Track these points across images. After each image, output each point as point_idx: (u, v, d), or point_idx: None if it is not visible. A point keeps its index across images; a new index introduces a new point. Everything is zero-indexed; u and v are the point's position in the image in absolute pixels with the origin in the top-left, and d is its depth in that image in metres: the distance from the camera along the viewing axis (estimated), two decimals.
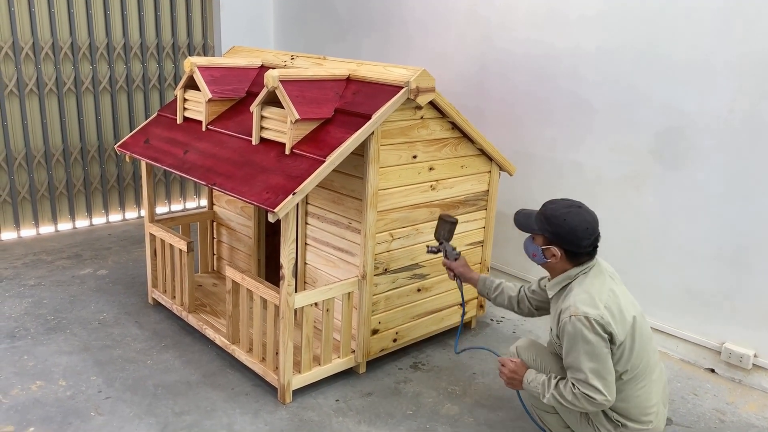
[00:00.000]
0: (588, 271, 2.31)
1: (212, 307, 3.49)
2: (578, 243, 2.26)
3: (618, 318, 2.19)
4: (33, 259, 4.32)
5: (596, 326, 2.14)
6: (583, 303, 2.19)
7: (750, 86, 2.97)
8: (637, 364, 2.25)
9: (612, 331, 2.16)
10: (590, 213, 2.31)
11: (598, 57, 3.47)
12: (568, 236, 2.26)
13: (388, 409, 2.83)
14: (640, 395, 2.28)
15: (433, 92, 2.81)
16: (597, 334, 2.14)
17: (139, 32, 4.96)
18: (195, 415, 2.73)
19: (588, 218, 2.28)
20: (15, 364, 3.05)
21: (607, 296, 2.22)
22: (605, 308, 2.18)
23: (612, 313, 2.18)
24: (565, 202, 2.34)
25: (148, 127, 3.50)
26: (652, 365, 2.32)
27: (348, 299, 2.93)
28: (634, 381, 2.26)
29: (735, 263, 3.13)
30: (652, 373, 2.32)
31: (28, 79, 4.54)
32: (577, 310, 2.18)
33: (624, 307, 2.24)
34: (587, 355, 2.16)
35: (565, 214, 2.27)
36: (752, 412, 2.95)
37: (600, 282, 2.27)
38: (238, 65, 3.33)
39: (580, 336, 2.16)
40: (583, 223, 2.26)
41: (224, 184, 2.76)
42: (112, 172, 5.06)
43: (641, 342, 2.26)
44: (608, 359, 2.17)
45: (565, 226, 2.26)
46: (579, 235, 2.25)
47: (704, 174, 3.17)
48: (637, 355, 2.24)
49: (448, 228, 2.83)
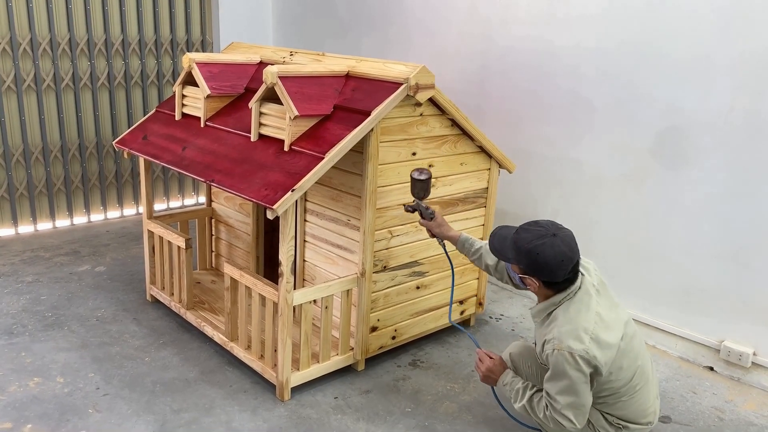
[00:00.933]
0: (573, 296, 2.21)
1: (211, 304, 3.48)
2: (554, 275, 2.15)
3: (604, 345, 2.13)
4: (31, 256, 4.30)
5: (580, 362, 2.10)
6: (568, 335, 2.12)
7: (750, 84, 2.96)
8: (631, 376, 2.25)
9: (597, 364, 2.11)
10: (566, 240, 2.14)
11: (599, 55, 3.46)
12: (543, 269, 2.15)
13: (387, 406, 2.83)
14: (639, 400, 2.30)
15: (433, 89, 2.80)
16: (579, 371, 2.11)
17: (137, 28, 4.94)
18: (193, 412, 2.72)
19: (563, 249, 2.12)
20: (12, 361, 3.04)
21: (594, 325, 2.14)
22: (591, 341, 2.11)
23: (598, 343, 2.12)
24: (538, 231, 2.16)
25: (147, 124, 3.49)
26: (647, 370, 2.32)
27: (347, 296, 2.92)
28: (631, 391, 2.27)
29: (734, 261, 3.13)
30: (648, 376, 2.32)
31: (25, 75, 4.52)
32: (561, 344, 2.12)
33: (612, 323, 2.18)
34: (566, 388, 2.15)
35: (537, 248, 2.12)
36: (751, 410, 2.94)
37: (585, 307, 2.17)
38: (237, 61, 3.32)
39: (562, 370, 2.13)
40: (557, 256, 2.11)
41: (223, 181, 2.75)
42: (110, 169, 5.05)
43: (632, 355, 2.24)
44: (587, 392, 2.16)
45: (538, 261, 2.13)
46: (554, 269, 2.13)
47: (704, 172, 3.16)
48: (630, 369, 2.23)
49: (420, 185, 2.64)
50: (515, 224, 2.39)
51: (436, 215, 2.71)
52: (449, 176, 3.14)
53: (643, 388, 2.29)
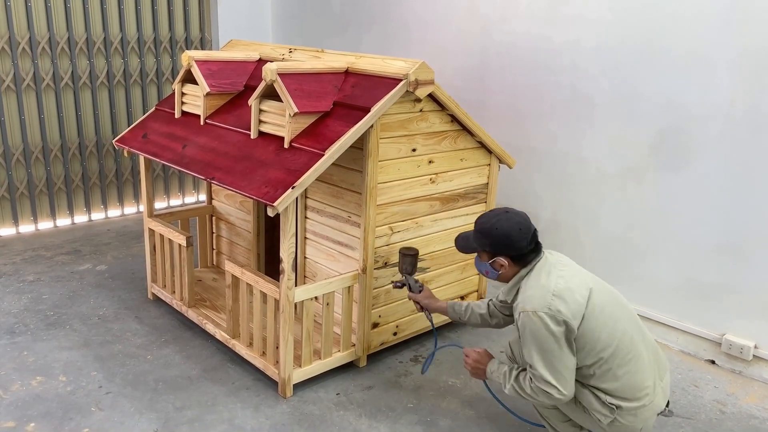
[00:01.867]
0: (534, 267, 2.29)
1: (212, 301, 3.49)
2: (517, 245, 2.26)
3: (569, 300, 2.15)
4: (32, 255, 4.31)
5: (547, 319, 2.12)
6: (532, 298, 2.18)
7: (751, 79, 2.96)
8: (612, 340, 2.17)
9: (564, 319, 2.12)
10: (519, 214, 2.32)
11: (599, 50, 3.45)
12: (506, 242, 2.26)
13: (389, 402, 2.83)
14: (630, 372, 2.19)
15: (433, 85, 2.80)
16: (548, 331, 2.12)
17: (136, 26, 4.94)
18: (196, 409, 2.73)
19: (518, 219, 2.29)
20: (15, 360, 3.05)
21: (555, 283, 2.19)
22: (554, 296, 2.15)
23: (562, 299, 2.15)
24: (492, 212, 2.36)
25: (146, 122, 3.49)
26: (636, 340, 2.23)
27: (348, 293, 2.93)
28: (616, 358, 2.18)
29: (735, 255, 3.13)
30: (637, 348, 2.22)
31: (25, 74, 4.52)
32: (525, 306, 2.18)
33: (576, 287, 2.19)
34: (539, 351, 2.15)
35: (495, 223, 2.29)
36: (753, 403, 2.95)
37: (546, 273, 2.25)
38: (236, 59, 3.32)
39: (530, 332, 2.15)
40: (515, 226, 2.27)
41: (223, 179, 2.75)
42: (110, 167, 5.05)
43: (606, 315, 2.19)
44: (563, 353, 2.13)
45: (499, 234, 2.27)
46: (514, 238, 2.25)
47: (705, 166, 3.16)
48: (605, 329, 2.17)
49: (409, 261, 2.82)
50: None
51: (424, 288, 2.81)
52: (449, 172, 3.14)
53: (636, 360, 2.20)
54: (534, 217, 3.84)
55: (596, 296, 2.21)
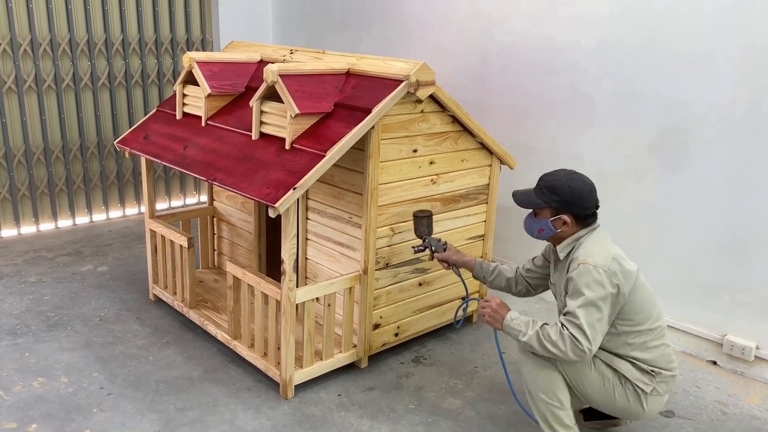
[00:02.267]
0: (594, 231, 2.41)
1: (213, 302, 3.49)
2: (586, 205, 2.37)
3: (626, 267, 2.29)
4: (33, 256, 4.31)
5: (603, 275, 2.22)
6: (593, 254, 2.28)
7: (752, 78, 2.96)
8: (649, 315, 2.34)
9: (619, 282, 2.24)
10: (587, 177, 2.43)
11: (599, 50, 3.45)
12: (576, 200, 2.36)
13: (390, 403, 2.83)
14: (661, 347, 2.37)
15: (434, 86, 2.80)
16: (602, 285, 2.21)
17: (137, 28, 4.94)
18: (197, 410, 2.73)
19: (587, 181, 2.41)
20: (17, 361, 3.05)
21: (614, 249, 2.34)
22: (614, 260, 2.27)
23: (621, 265, 2.28)
24: (562, 171, 2.45)
25: (148, 123, 3.49)
26: (663, 326, 2.40)
27: (349, 294, 2.93)
28: (654, 331, 2.35)
29: (737, 255, 3.12)
30: (665, 335, 2.40)
31: (26, 75, 4.53)
32: (586, 259, 2.27)
33: (628, 263, 2.34)
34: (587, 301, 2.21)
35: (568, 181, 2.38)
36: (754, 404, 2.95)
37: (605, 239, 2.39)
38: (237, 60, 3.32)
39: (585, 283, 2.22)
40: (586, 186, 2.39)
41: (224, 180, 2.75)
42: (111, 169, 5.06)
43: (647, 295, 2.35)
44: (605, 313, 2.23)
45: (572, 192, 2.36)
46: (585, 197, 2.37)
47: (706, 166, 3.16)
48: (648, 302, 2.34)
49: (425, 222, 2.83)
50: (516, 221, 2.46)
51: (448, 245, 2.84)
52: (450, 173, 3.14)
53: (666, 336, 2.40)
54: None
55: (641, 278, 2.37)
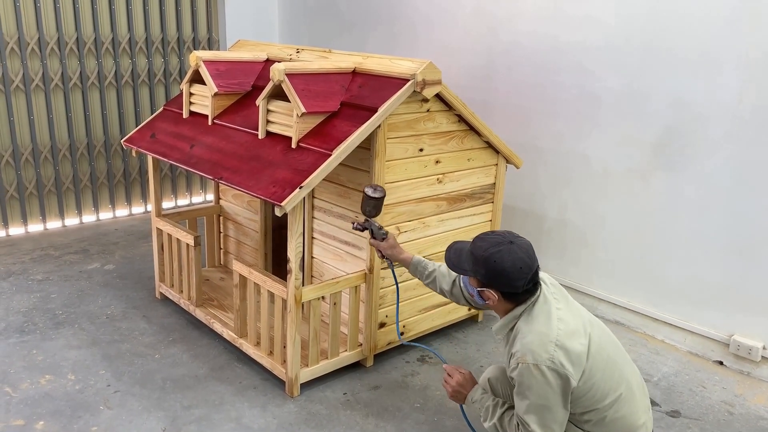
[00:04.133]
0: (533, 307, 2.08)
1: (219, 301, 3.50)
2: (513, 284, 2.03)
3: (572, 351, 1.98)
4: (41, 254, 4.33)
5: (547, 373, 1.95)
6: (532, 347, 1.99)
7: (758, 77, 2.95)
8: (612, 385, 2.05)
9: (566, 372, 1.96)
10: (523, 248, 2.05)
11: (605, 50, 3.44)
12: (501, 278, 2.03)
13: (396, 402, 2.83)
14: (625, 416, 2.08)
15: (440, 85, 2.80)
16: (547, 384, 1.96)
17: (144, 27, 4.96)
18: (203, 408, 2.74)
19: (521, 255, 2.03)
20: (24, 359, 3.07)
21: (556, 330, 2.00)
22: (556, 347, 1.97)
23: (565, 349, 1.98)
24: (494, 238, 2.08)
25: (154, 122, 3.50)
26: (629, 379, 2.12)
27: (355, 293, 2.93)
28: (613, 406, 2.06)
29: (743, 255, 3.11)
30: (631, 387, 2.12)
31: (33, 74, 4.55)
32: (525, 356, 1.98)
33: (576, 332, 2.03)
34: (535, 406, 1.99)
35: (494, 255, 2.03)
36: (761, 404, 2.94)
37: (546, 316, 2.05)
38: (244, 59, 3.32)
39: (528, 386, 1.99)
40: (516, 263, 2.01)
41: (231, 179, 2.76)
42: (118, 167, 5.07)
43: (604, 361, 2.06)
44: (559, 408, 1.99)
45: (496, 268, 2.02)
46: (512, 277, 2.02)
47: (712, 166, 3.15)
48: (606, 376, 2.04)
49: (373, 203, 2.52)
50: (522, 220, 2.34)
51: (388, 236, 2.58)
52: (456, 172, 3.14)
53: (630, 401, 2.09)
54: (540, 216, 3.85)
55: (594, 339, 2.06)
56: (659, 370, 3.18)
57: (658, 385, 3.05)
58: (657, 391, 2.99)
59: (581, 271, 3.75)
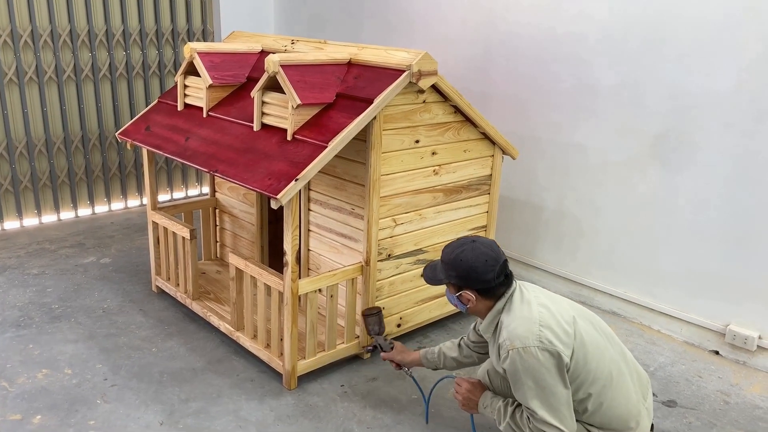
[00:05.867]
0: (512, 298, 2.14)
1: (216, 294, 3.50)
2: (484, 278, 2.10)
3: (558, 330, 2.02)
4: (36, 248, 4.32)
5: (537, 353, 1.98)
6: (518, 332, 2.03)
7: (756, 67, 2.94)
8: (601, 373, 2.07)
9: (556, 349, 1.99)
10: (486, 243, 2.15)
11: (603, 40, 3.43)
12: (471, 274, 2.11)
13: (393, 393, 2.84)
14: (620, 404, 2.11)
15: (436, 76, 2.79)
16: (541, 365, 1.98)
17: (138, 18, 4.92)
18: (201, 401, 2.74)
19: (483, 249, 2.12)
20: (21, 353, 3.06)
21: (538, 313, 2.06)
22: (541, 327, 2.01)
23: (551, 329, 2.02)
24: (457, 242, 2.20)
25: (149, 114, 3.48)
26: (621, 366, 2.15)
27: (352, 285, 2.93)
28: (607, 392, 2.08)
29: (740, 245, 3.12)
30: (623, 375, 2.14)
31: (27, 67, 4.52)
32: (513, 342, 2.02)
33: (560, 316, 2.07)
34: (535, 390, 2.00)
35: (459, 255, 2.13)
36: (757, 393, 2.95)
37: (527, 304, 2.11)
38: (239, 50, 3.31)
39: (523, 371, 2.00)
40: (480, 257, 2.11)
41: (226, 171, 2.75)
42: (113, 160, 5.05)
43: (594, 345, 2.08)
44: (559, 387, 2.00)
45: (463, 266, 2.12)
46: (480, 270, 2.10)
47: (709, 156, 3.15)
48: (596, 358, 2.06)
49: (374, 320, 2.82)
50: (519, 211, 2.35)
51: (395, 345, 2.73)
52: (452, 163, 3.13)
53: (623, 389, 2.12)
54: (537, 207, 3.85)
55: (581, 324, 2.09)
56: (655, 360, 3.19)
57: (655, 375, 3.06)
58: (653, 381, 3.00)
59: (578, 261, 3.76)
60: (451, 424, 2.64)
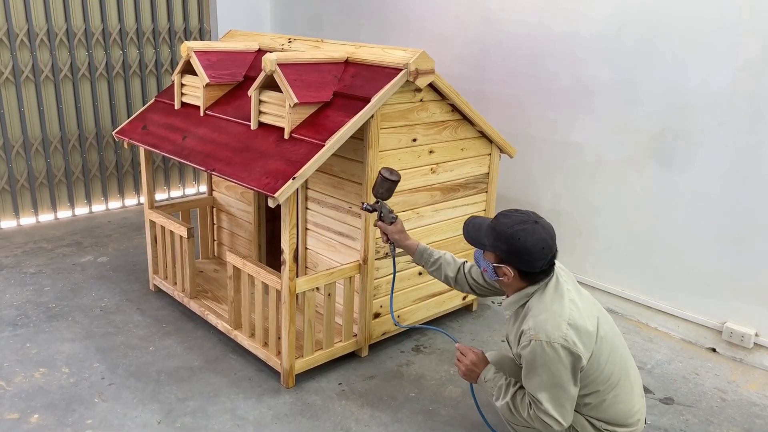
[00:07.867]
0: (545, 287, 2.12)
1: (214, 292, 3.49)
2: (533, 263, 2.06)
3: (583, 332, 2.03)
4: (33, 248, 4.31)
5: (560, 351, 1.98)
6: (545, 325, 2.01)
7: (752, 65, 2.94)
8: (613, 369, 2.11)
9: (578, 351, 1.99)
10: (546, 229, 2.09)
11: (598, 38, 3.44)
12: (523, 256, 2.05)
13: (391, 392, 2.84)
14: (623, 399, 2.15)
15: (433, 74, 2.79)
16: (559, 362, 1.99)
17: (134, 17, 4.91)
18: (198, 400, 2.74)
19: (544, 235, 2.06)
20: (18, 352, 3.06)
21: (569, 310, 2.04)
22: (568, 326, 2.00)
23: (577, 329, 2.02)
24: (519, 216, 2.10)
25: (146, 113, 3.48)
26: (627, 364, 2.18)
27: (349, 283, 2.93)
28: (614, 388, 2.13)
29: (736, 243, 3.13)
30: (628, 373, 2.18)
31: (23, 66, 4.51)
32: (537, 334, 2.01)
33: (587, 315, 2.07)
34: (548, 384, 2.02)
35: (519, 232, 2.04)
36: (753, 390, 2.96)
37: (560, 296, 2.08)
38: (236, 49, 3.30)
39: (541, 363, 2.01)
40: (539, 243, 2.04)
41: (223, 170, 2.75)
42: (110, 159, 5.05)
43: (609, 346, 2.11)
44: (570, 386, 2.02)
45: (518, 245, 2.04)
46: (534, 256, 2.04)
47: (706, 154, 3.16)
48: (610, 360, 2.10)
49: (387, 186, 2.52)
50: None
51: (397, 221, 2.58)
52: (450, 162, 3.13)
53: (625, 384, 2.16)
54: (534, 206, 3.85)
55: (602, 326, 2.11)
56: (653, 357, 3.20)
57: (652, 372, 3.07)
58: (650, 379, 3.00)
59: (575, 259, 3.76)
60: (450, 423, 2.65)
